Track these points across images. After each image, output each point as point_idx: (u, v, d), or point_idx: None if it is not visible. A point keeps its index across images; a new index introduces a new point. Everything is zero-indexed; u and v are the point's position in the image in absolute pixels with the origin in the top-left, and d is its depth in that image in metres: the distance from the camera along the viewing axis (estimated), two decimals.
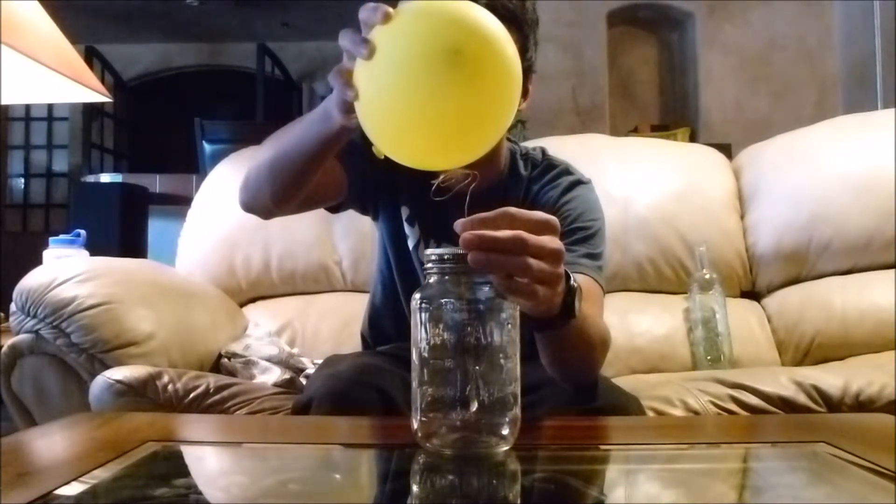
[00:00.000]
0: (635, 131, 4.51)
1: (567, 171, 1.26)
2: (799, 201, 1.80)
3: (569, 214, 1.16)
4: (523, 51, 1.08)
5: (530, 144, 1.36)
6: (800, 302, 1.75)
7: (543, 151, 1.30)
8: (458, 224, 0.69)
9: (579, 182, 1.23)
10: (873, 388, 1.21)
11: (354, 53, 0.68)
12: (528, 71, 1.11)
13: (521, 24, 1.08)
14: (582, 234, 1.14)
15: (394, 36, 0.64)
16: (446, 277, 0.75)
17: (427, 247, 1.22)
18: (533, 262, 0.68)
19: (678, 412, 1.20)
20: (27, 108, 7.15)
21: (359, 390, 1.02)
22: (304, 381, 1.47)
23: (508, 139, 1.26)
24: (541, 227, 0.71)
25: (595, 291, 1.07)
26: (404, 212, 1.24)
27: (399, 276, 1.28)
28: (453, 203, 0.82)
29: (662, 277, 1.80)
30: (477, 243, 0.67)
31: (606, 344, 1.01)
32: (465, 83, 0.64)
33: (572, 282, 0.81)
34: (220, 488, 0.75)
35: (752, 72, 4.75)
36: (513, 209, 0.70)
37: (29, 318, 1.31)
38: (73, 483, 0.66)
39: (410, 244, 1.25)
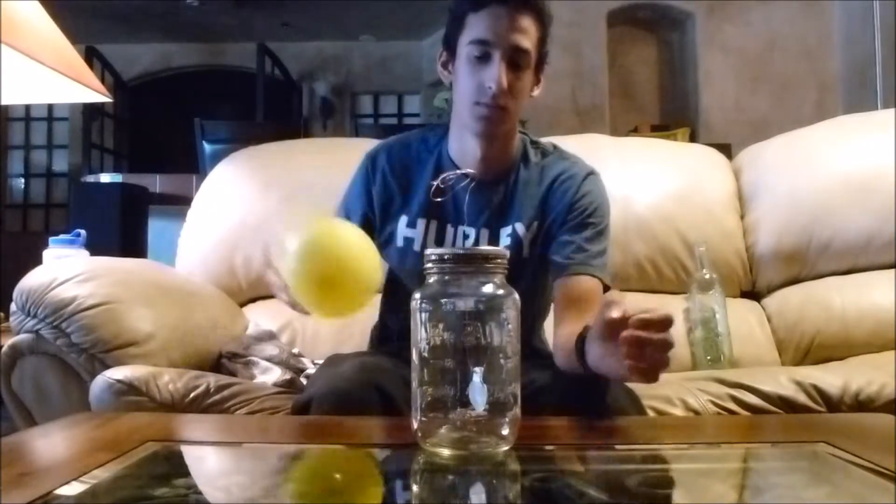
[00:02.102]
0: (635, 131, 4.51)
1: (579, 161, 1.31)
2: (799, 201, 1.80)
3: (585, 209, 1.23)
4: (542, 42, 1.21)
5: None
6: (800, 302, 1.75)
7: (554, 145, 1.35)
8: (620, 312, 0.80)
9: (591, 173, 1.29)
10: (873, 387, 1.21)
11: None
12: (543, 60, 1.23)
13: (543, 18, 1.19)
14: (593, 230, 1.22)
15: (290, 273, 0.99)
16: (446, 277, 0.75)
17: (438, 231, 1.26)
18: (664, 360, 0.79)
19: (678, 411, 1.20)
20: (27, 108, 7.14)
21: (360, 389, 1.03)
22: (304, 381, 1.47)
23: (520, 131, 1.31)
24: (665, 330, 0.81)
25: (594, 295, 1.16)
26: (402, 221, 1.28)
27: (409, 279, 1.29)
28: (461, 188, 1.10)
29: (662, 277, 1.80)
30: (636, 342, 0.78)
31: None
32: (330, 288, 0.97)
33: None
34: (220, 488, 0.76)
35: (752, 72, 4.75)
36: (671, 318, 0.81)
37: (29, 318, 1.31)
38: (73, 483, 0.66)
39: (416, 246, 1.27)
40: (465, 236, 1.25)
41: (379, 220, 1.31)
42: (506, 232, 1.24)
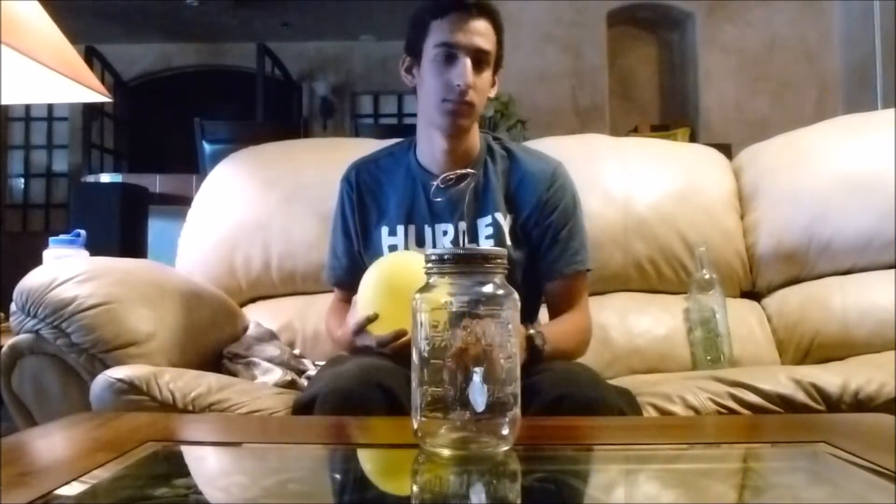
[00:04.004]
0: (635, 131, 4.51)
1: (544, 156, 1.42)
2: (799, 201, 1.80)
3: (556, 206, 1.34)
4: (499, 45, 1.32)
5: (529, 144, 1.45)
6: (800, 302, 1.75)
7: (515, 144, 1.48)
8: None
9: (557, 167, 1.39)
10: (872, 386, 1.21)
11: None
12: (499, 62, 1.34)
13: (497, 23, 1.30)
14: (568, 227, 1.35)
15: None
16: (446, 277, 0.75)
17: (417, 233, 1.35)
18: None
19: (677, 409, 1.20)
20: (27, 108, 7.14)
21: (363, 388, 1.03)
22: (305, 382, 1.47)
23: (482, 130, 1.42)
24: None
25: (579, 288, 1.36)
26: (384, 231, 1.36)
27: None
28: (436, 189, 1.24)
29: (662, 277, 1.80)
30: None
31: (584, 338, 1.35)
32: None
33: (536, 342, 1.18)
34: (220, 488, 0.76)
35: (752, 72, 4.75)
36: None
37: (29, 318, 1.30)
38: (73, 483, 0.66)
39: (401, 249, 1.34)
40: (444, 233, 1.34)
41: (362, 237, 1.40)
42: (484, 222, 1.33)
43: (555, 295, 1.36)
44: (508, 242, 1.32)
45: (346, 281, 1.42)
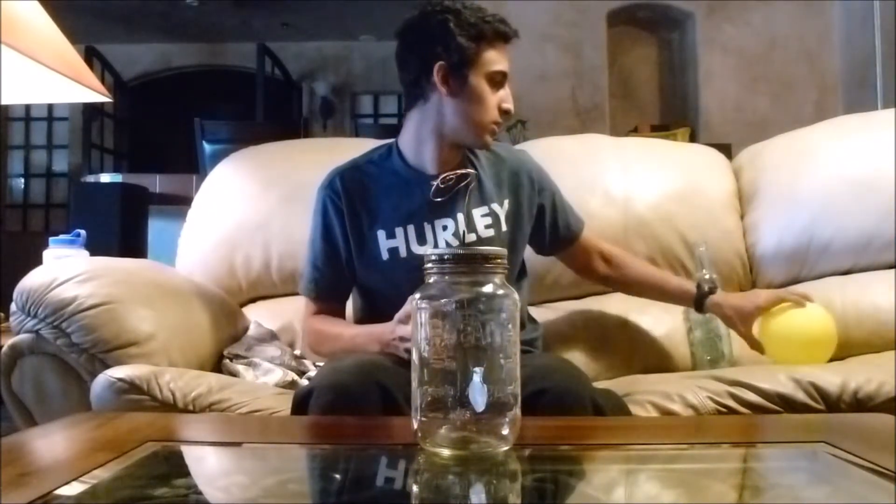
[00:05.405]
0: (635, 131, 4.51)
1: (514, 148, 1.56)
2: (799, 201, 1.80)
3: (543, 182, 1.49)
4: None
5: (529, 144, 1.45)
6: None
7: None
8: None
9: (524, 152, 1.54)
10: (871, 385, 1.20)
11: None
12: None
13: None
14: (558, 193, 1.51)
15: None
16: (446, 277, 0.75)
17: (418, 232, 1.35)
18: None
19: (677, 407, 1.20)
20: (27, 108, 7.14)
21: (359, 384, 1.03)
22: (306, 382, 1.47)
23: None
24: None
25: (590, 237, 1.56)
26: (381, 235, 1.35)
27: (402, 287, 1.30)
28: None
29: None
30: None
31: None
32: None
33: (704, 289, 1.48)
34: (220, 488, 0.76)
35: (752, 72, 4.75)
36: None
37: (29, 318, 1.31)
38: (73, 483, 0.66)
39: (403, 253, 1.34)
40: (444, 227, 1.36)
41: (354, 244, 1.38)
42: (480, 212, 1.38)
43: (581, 251, 1.54)
44: (504, 228, 1.38)
45: (331, 293, 1.43)
